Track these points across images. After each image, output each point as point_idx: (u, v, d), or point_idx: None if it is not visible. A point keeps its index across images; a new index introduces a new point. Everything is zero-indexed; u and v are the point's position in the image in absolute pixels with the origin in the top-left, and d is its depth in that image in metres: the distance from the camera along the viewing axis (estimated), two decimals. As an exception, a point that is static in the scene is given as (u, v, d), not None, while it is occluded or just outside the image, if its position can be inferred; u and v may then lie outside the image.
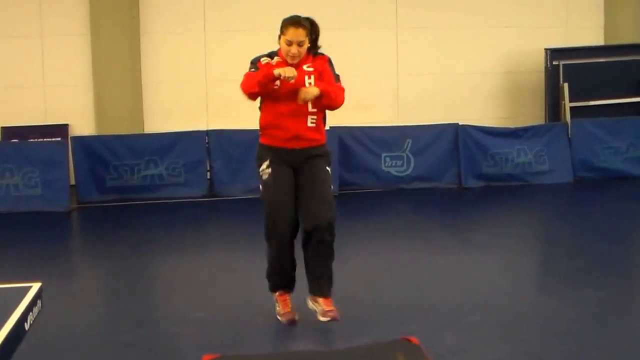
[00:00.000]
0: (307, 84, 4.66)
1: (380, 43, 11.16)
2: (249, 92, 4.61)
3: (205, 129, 9.84)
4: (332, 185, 4.86)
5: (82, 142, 9.37)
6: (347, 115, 8.60)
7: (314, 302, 4.74)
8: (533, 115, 11.33)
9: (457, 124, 9.96)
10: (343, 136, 9.58)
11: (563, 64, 10.81)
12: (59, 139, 9.71)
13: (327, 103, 4.67)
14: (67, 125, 10.33)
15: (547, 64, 10.87)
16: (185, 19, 10.69)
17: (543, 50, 10.92)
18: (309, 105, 4.66)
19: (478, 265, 6.27)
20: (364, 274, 6.05)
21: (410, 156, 9.83)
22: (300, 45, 4.64)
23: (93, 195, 9.28)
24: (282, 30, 4.68)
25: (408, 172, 9.83)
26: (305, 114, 4.69)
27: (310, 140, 4.74)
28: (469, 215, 8.60)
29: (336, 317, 4.62)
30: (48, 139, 9.86)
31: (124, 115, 10.28)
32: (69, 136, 9.86)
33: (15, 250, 7.32)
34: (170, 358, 4.41)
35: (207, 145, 9.55)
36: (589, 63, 10.86)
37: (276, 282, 4.93)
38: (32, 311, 3.12)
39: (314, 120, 4.73)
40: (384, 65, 11.20)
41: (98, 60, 10.29)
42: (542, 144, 10.06)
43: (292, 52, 4.64)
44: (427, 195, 9.52)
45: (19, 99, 10.30)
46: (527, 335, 4.58)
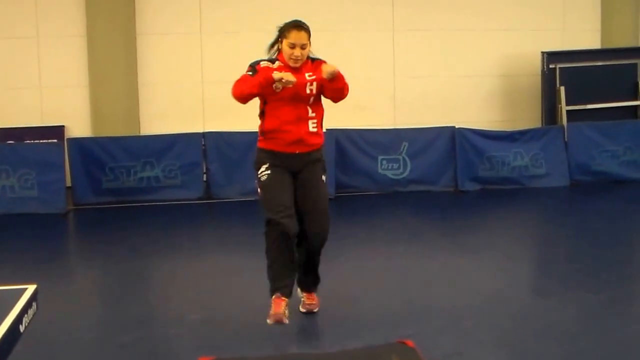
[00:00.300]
0: (309, 91, 4.69)
1: (377, 45, 11.16)
2: (242, 95, 4.59)
3: (202, 131, 9.84)
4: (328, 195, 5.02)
5: (79, 144, 9.36)
6: (343, 117, 8.60)
7: (301, 292, 5.14)
8: (530, 118, 11.33)
9: (454, 126, 9.97)
10: (340, 138, 9.59)
11: (560, 67, 10.82)
12: (55, 141, 9.70)
13: (340, 86, 4.70)
14: (63, 126, 10.31)
15: (544, 67, 10.88)
16: (182, 20, 10.68)
17: (540, 54, 10.92)
18: (309, 110, 4.72)
19: (474, 269, 6.27)
20: (359, 276, 6.05)
21: (407, 159, 9.83)
22: (303, 48, 4.66)
23: (89, 197, 9.27)
24: (284, 34, 4.67)
25: (404, 175, 9.83)
26: (307, 119, 4.73)
27: (310, 145, 4.79)
28: (466, 219, 8.60)
29: (313, 310, 5.04)
30: (44, 141, 9.84)
31: (120, 117, 10.27)
32: (65, 138, 9.84)
33: (11, 252, 7.30)
34: (166, 360, 4.41)
35: (203, 147, 9.55)
36: (586, 66, 10.87)
37: (274, 283, 4.79)
38: (27, 313, 3.12)
39: (315, 124, 4.78)
40: (381, 67, 11.20)
41: (94, 61, 10.27)
42: (539, 147, 10.07)
43: (296, 54, 4.64)
44: (424, 198, 9.52)
45: (15, 100, 10.28)
46: (524, 339, 4.58)
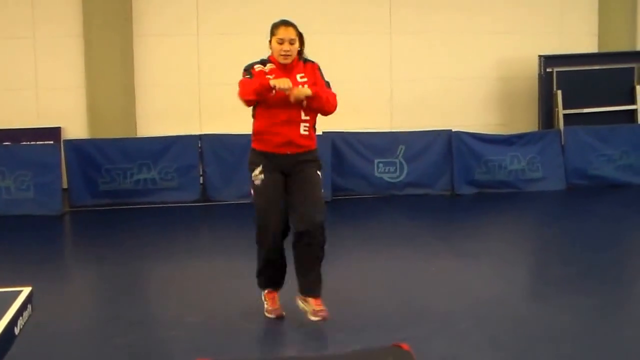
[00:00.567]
0: None
1: (374, 48, 11.16)
2: (247, 99, 4.71)
3: (198, 133, 9.83)
4: (322, 189, 4.94)
5: (75, 145, 9.35)
6: (340, 120, 8.58)
7: (304, 302, 4.83)
8: (526, 122, 11.34)
9: (451, 130, 9.97)
10: (336, 141, 9.58)
11: (557, 71, 10.84)
12: (52, 142, 9.68)
13: (317, 106, 4.75)
14: (59, 128, 10.29)
15: (541, 71, 10.89)
16: (179, 22, 10.67)
17: (537, 57, 10.94)
18: (302, 113, 4.75)
19: (470, 272, 6.26)
20: (355, 279, 6.05)
21: (403, 162, 9.83)
22: (292, 44, 4.72)
23: (85, 199, 9.25)
24: (272, 32, 4.77)
25: (401, 178, 9.83)
26: (298, 122, 4.77)
27: (301, 147, 4.83)
28: (462, 222, 8.59)
29: (326, 317, 4.70)
30: (40, 142, 9.83)
31: (116, 119, 10.26)
32: (62, 139, 9.82)
33: (6, 253, 7.29)
34: (161, 363, 4.40)
35: (200, 150, 9.54)
36: (583, 70, 10.88)
37: (265, 281, 5.08)
38: (22, 316, 3.12)
39: (307, 127, 4.81)
40: (378, 70, 11.20)
41: (91, 63, 10.26)
42: (535, 151, 10.07)
43: (285, 49, 4.70)
44: (420, 201, 9.52)
45: (12, 101, 10.26)
46: (519, 342, 4.58)
